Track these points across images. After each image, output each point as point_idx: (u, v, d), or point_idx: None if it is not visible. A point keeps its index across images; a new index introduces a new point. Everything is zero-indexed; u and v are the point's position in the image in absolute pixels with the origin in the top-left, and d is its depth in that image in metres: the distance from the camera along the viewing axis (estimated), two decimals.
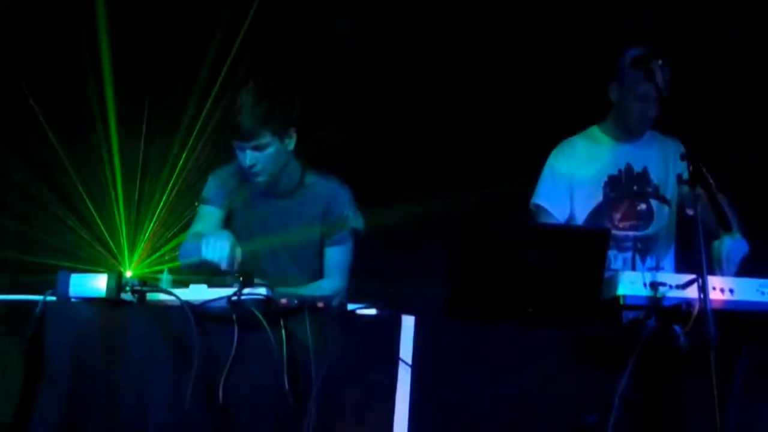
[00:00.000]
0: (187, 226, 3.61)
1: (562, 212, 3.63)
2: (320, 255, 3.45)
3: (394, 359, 2.65)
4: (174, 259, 3.62)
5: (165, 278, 2.89)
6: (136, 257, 3.94)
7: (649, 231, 3.67)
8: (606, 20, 4.52)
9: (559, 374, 2.72)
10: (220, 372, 2.58)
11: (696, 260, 2.73)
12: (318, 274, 3.44)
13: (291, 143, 3.31)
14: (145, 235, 4.05)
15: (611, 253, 3.61)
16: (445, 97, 4.55)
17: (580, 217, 3.64)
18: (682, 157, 2.89)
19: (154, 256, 3.95)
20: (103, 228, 4.19)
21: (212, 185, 3.46)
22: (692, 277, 2.82)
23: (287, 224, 3.40)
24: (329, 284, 3.38)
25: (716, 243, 3.24)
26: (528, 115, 4.51)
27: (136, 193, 4.15)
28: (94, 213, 4.14)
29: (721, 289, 2.89)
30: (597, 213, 3.65)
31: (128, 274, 3.22)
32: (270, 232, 3.40)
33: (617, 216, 3.65)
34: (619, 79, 3.60)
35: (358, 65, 4.42)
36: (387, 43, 4.43)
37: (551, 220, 3.60)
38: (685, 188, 3.06)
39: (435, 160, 4.54)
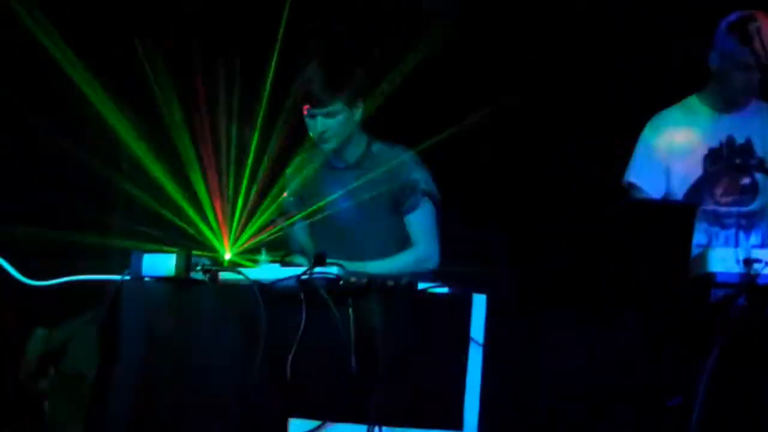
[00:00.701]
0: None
1: (657, 189, 3.47)
2: (400, 223, 3.47)
3: (465, 339, 2.57)
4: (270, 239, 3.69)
5: (263, 258, 2.92)
6: (239, 239, 4.00)
7: (754, 206, 3.46)
8: None
9: (640, 355, 2.58)
10: (288, 350, 2.57)
11: None
12: (400, 241, 3.46)
13: (358, 113, 3.42)
14: (244, 217, 4.10)
15: (713, 230, 3.45)
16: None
17: (679, 193, 3.46)
18: None
19: (248, 236, 4.00)
20: (210, 211, 4.25)
21: (289, 184, 3.61)
22: None
23: (359, 193, 3.45)
24: (415, 253, 3.41)
25: None
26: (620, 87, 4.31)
27: (245, 177, 4.20)
28: (205, 194, 4.21)
29: None
30: (697, 188, 3.46)
31: (227, 256, 3.32)
32: (343, 203, 3.47)
33: (719, 191, 3.46)
34: (717, 47, 3.40)
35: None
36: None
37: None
38: None
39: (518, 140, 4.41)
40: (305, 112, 3.38)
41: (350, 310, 2.58)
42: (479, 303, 2.60)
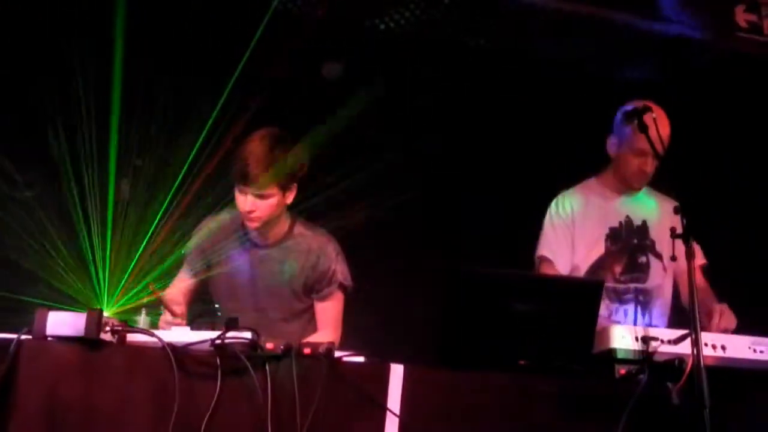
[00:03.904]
0: (169, 270, 3.55)
1: (565, 264, 3.60)
2: (309, 307, 3.44)
3: (382, 409, 2.57)
4: (152, 300, 3.58)
5: (143, 319, 2.82)
6: (115, 296, 3.85)
7: (649, 284, 3.63)
8: (607, 73, 4.56)
9: (551, 428, 2.65)
10: (201, 418, 2.48)
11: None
12: (307, 326, 3.42)
13: (291, 197, 3.35)
14: (125, 275, 3.96)
15: (613, 306, 3.59)
16: (440, 144, 4.54)
17: (583, 269, 3.61)
18: (676, 210, 2.87)
19: (131, 296, 3.86)
20: (86, 264, 4.08)
21: (193, 243, 3.48)
22: (684, 332, 2.79)
23: (273, 274, 3.39)
24: (319, 339, 3.33)
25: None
26: (525, 165, 4.51)
27: (120, 231, 4.06)
28: (81, 248, 4.05)
29: (713, 345, 2.86)
30: (599, 265, 3.61)
31: (106, 314, 3.17)
32: (256, 281, 3.40)
33: (618, 269, 3.62)
34: (616, 133, 3.59)
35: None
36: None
37: (555, 272, 3.55)
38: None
39: (435, 210, 4.53)
40: (236, 188, 3.28)
41: (268, 376, 2.53)
42: (396, 373, 2.61)
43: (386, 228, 4.41)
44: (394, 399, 2.59)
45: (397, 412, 2.57)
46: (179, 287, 3.47)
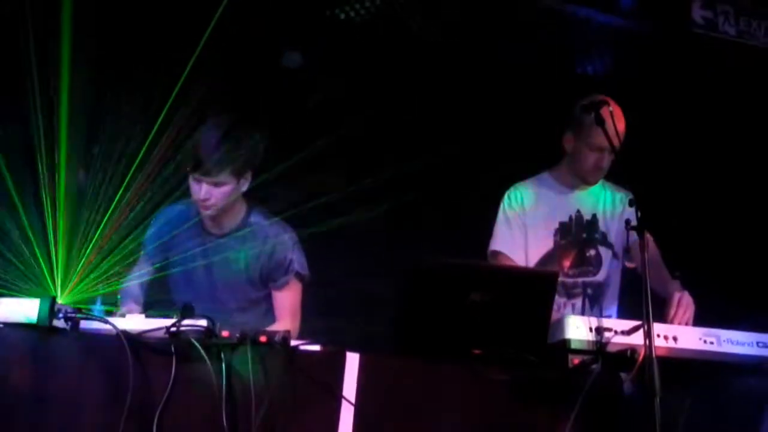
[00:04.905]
0: (125, 256, 3.51)
1: (519, 257, 3.62)
2: (266, 296, 3.43)
3: (337, 397, 2.57)
4: (108, 288, 3.55)
5: (98, 308, 2.79)
6: (69, 284, 3.80)
7: (599, 277, 3.66)
8: (565, 67, 4.59)
9: (505, 417, 2.67)
10: (156, 406, 2.47)
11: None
12: (264, 316, 3.41)
13: (246, 184, 3.31)
14: (80, 262, 3.91)
15: (561, 300, 3.61)
16: (399, 133, 4.54)
17: (532, 263, 3.62)
18: (631, 203, 2.90)
19: (86, 284, 3.82)
20: (36, 252, 4.03)
21: (150, 233, 3.46)
22: (637, 323, 2.82)
23: (229, 262, 3.37)
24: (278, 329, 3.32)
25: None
26: (480, 157, 4.53)
27: (74, 219, 4.01)
28: (32, 236, 3.99)
29: (665, 336, 2.90)
30: (547, 260, 3.63)
31: (59, 301, 3.14)
32: (212, 270, 3.38)
33: (567, 263, 3.65)
34: (572, 127, 3.60)
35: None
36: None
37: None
38: (633, 237, 3.05)
39: (392, 199, 4.53)
40: (190, 176, 3.24)
41: (223, 364, 2.52)
42: (352, 361, 2.61)
43: (346, 217, 4.40)
44: (349, 387, 2.59)
45: (353, 400, 2.57)
46: (137, 281, 3.45)
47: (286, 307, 3.39)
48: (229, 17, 4.08)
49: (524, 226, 3.63)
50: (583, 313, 3.57)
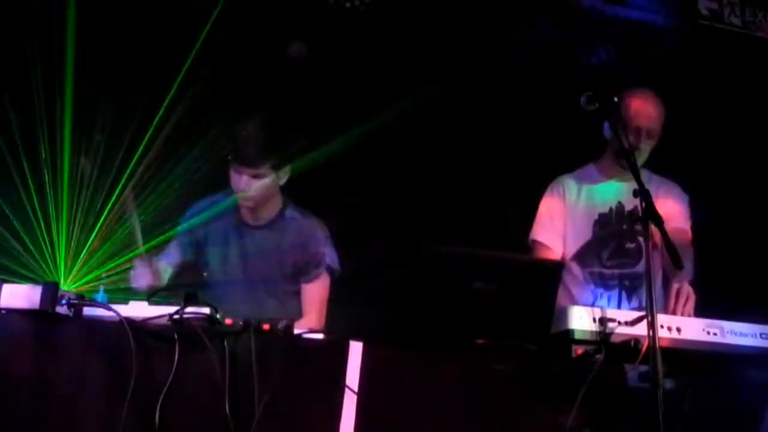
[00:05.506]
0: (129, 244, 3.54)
1: (558, 248, 3.65)
2: (298, 291, 3.51)
3: (340, 386, 2.57)
4: (111, 278, 3.57)
5: (101, 296, 2.79)
6: (73, 271, 3.81)
7: (638, 269, 3.64)
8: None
9: (508, 407, 2.67)
10: (158, 394, 2.45)
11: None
12: (296, 306, 3.48)
13: (284, 178, 3.45)
14: (83, 251, 3.92)
15: (598, 291, 3.62)
16: (432, 128, 4.53)
17: (571, 253, 3.64)
18: (635, 193, 2.89)
19: (89, 270, 3.82)
20: (42, 240, 4.04)
21: (186, 222, 3.57)
22: (641, 314, 2.82)
23: (264, 253, 3.47)
24: (305, 323, 3.37)
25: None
26: (522, 150, 4.52)
27: (78, 207, 4.02)
28: (35, 224, 3.99)
29: (668, 327, 2.89)
30: (586, 251, 3.65)
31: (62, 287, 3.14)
32: (247, 260, 3.48)
33: (605, 254, 3.65)
34: (610, 115, 3.58)
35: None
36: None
37: (550, 256, 3.59)
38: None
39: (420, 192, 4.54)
40: (231, 168, 3.37)
41: (226, 352, 2.52)
42: (355, 350, 2.61)
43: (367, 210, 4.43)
44: (352, 376, 2.58)
45: (356, 389, 2.57)
46: (166, 259, 3.55)
47: (315, 300, 3.48)
48: (234, 7, 4.09)
49: (564, 217, 3.66)
50: (618, 305, 3.59)
